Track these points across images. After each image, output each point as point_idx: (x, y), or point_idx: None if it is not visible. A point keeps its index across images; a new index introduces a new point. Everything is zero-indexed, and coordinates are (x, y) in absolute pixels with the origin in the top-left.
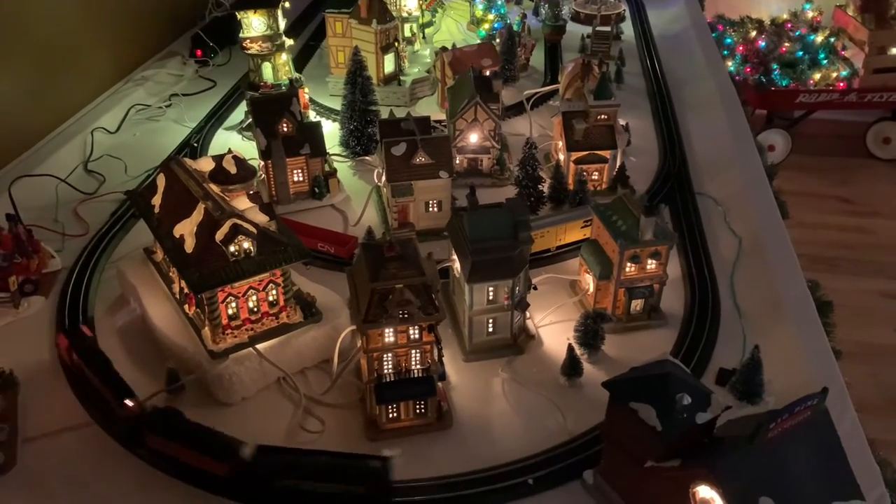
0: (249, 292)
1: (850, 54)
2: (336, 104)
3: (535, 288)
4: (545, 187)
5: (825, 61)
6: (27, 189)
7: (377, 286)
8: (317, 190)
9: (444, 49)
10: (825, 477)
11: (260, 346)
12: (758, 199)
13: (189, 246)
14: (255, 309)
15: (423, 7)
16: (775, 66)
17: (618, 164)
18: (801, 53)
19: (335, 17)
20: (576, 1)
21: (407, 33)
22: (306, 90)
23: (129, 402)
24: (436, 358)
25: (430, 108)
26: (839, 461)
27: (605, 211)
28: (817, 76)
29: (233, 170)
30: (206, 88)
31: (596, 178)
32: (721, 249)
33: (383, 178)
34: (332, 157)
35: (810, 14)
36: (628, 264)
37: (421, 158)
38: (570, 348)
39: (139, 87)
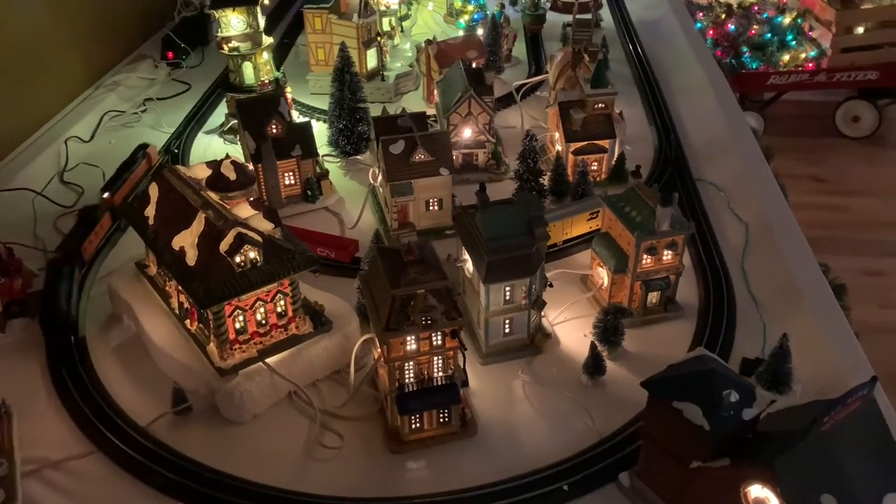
0: (257, 304)
1: (817, 35)
2: (318, 102)
3: (552, 285)
4: (545, 180)
5: (794, 43)
6: (2, 204)
7: (399, 292)
8: (309, 193)
9: (428, 42)
10: (878, 469)
11: (270, 360)
12: (759, 182)
13: (191, 258)
14: (264, 321)
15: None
16: (745, 49)
17: (616, 153)
18: (769, 36)
19: (314, 12)
20: None
21: (385, 27)
22: (289, 90)
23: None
24: (459, 364)
25: (416, 102)
26: (890, 451)
27: (618, 202)
28: (787, 58)
29: (232, 176)
30: (181, 91)
31: (595, 168)
32: (728, 236)
33: (379, 178)
34: (323, 159)
35: None
36: (645, 256)
37: (420, 156)
38: (593, 346)
39: (111, 93)
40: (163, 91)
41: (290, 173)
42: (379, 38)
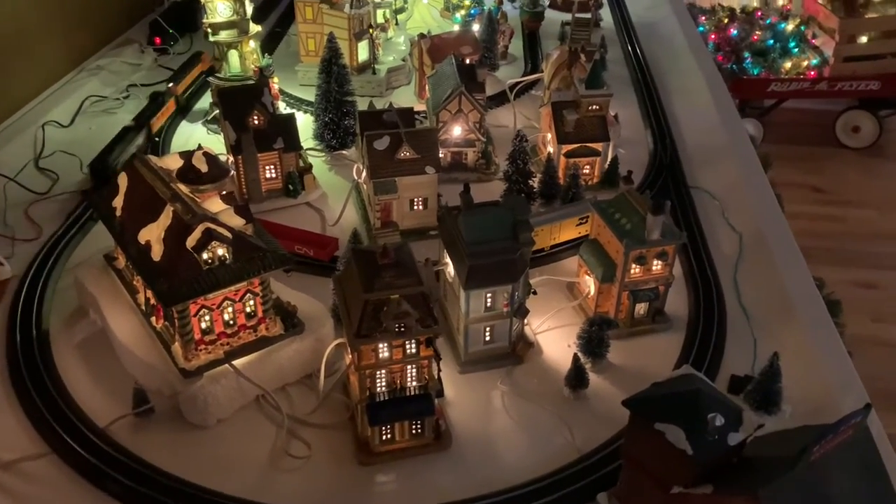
0: (225, 304)
1: (820, 42)
2: (306, 94)
3: (535, 292)
4: (535, 182)
5: (796, 50)
6: None
7: (371, 297)
8: (291, 187)
9: (421, 36)
10: (868, 499)
11: (237, 363)
12: (755, 191)
13: (157, 253)
14: (231, 322)
15: None
16: (747, 55)
17: (609, 156)
18: (771, 42)
19: (305, 1)
20: None
21: (380, 19)
22: (276, 80)
23: None
24: (434, 373)
25: (408, 97)
26: (882, 481)
27: (608, 208)
28: (788, 65)
29: (203, 168)
30: (167, 79)
31: (587, 171)
32: (721, 246)
33: (364, 174)
34: (307, 152)
35: (780, 2)
36: (633, 266)
37: (406, 153)
38: (576, 358)
39: (93, 78)
40: (148, 77)
41: (272, 166)
42: (371, 31)
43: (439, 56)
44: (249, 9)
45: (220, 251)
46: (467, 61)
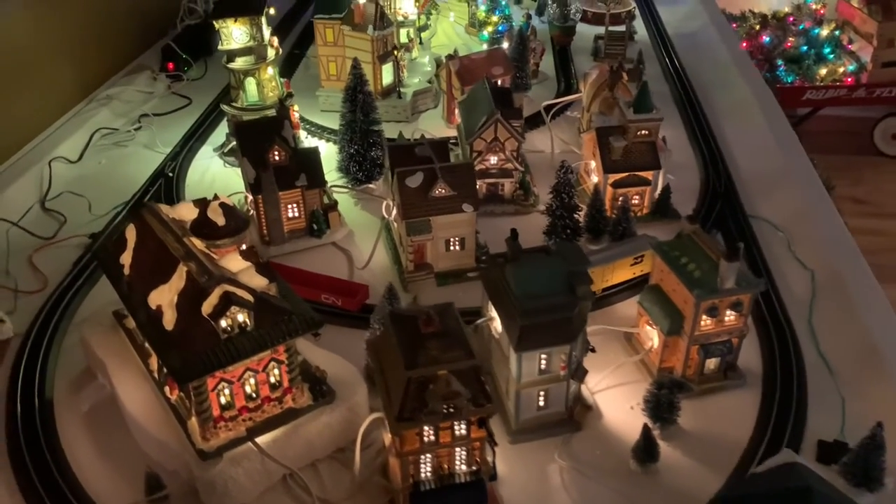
0: (246, 375)
1: (856, 48)
2: (328, 121)
3: (594, 350)
4: (580, 215)
5: (832, 56)
6: None
7: (415, 374)
8: (315, 227)
9: (450, 57)
10: None
11: (261, 440)
12: (823, 221)
13: (169, 321)
14: (254, 395)
15: (419, 9)
16: (780, 62)
17: (659, 185)
18: (805, 48)
19: (325, 23)
20: None
21: (403, 38)
22: (295, 107)
23: None
24: (487, 456)
25: (435, 123)
26: None
27: (670, 251)
28: (823, 71)
29: (220, 220)
30: (181, 107)
31: (636, 202)
32: (792, 286)
33: (393, 212)
34: (332, 188)
35: (813, 6)
36: (704, 317)
37: (441, 190)
38: (646, 430)
39: (103, 108)
40: (161, 106)
41: (294, 205)
42: (396, 52)
43: (469, 78)
44: (267, 33)
45: (241, 317)
46: (499, 83)
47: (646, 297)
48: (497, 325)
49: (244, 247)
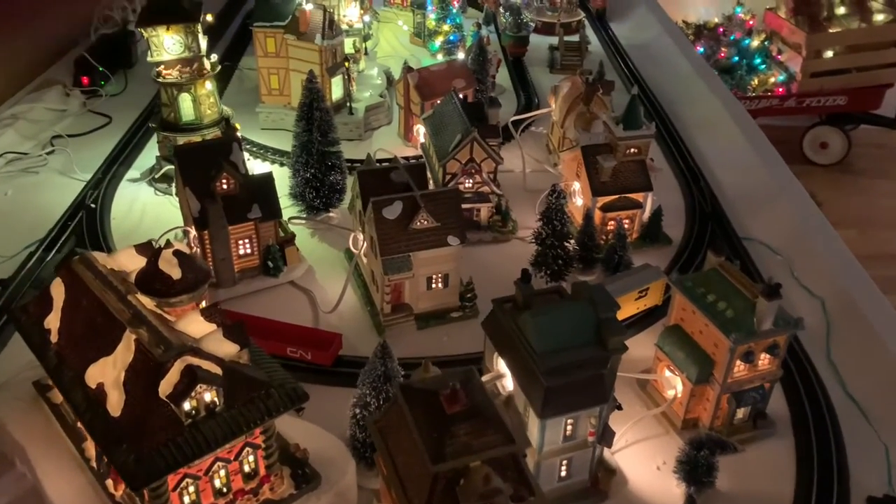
0: (216, 467)
1: (785, 58)
2: (271, 139)
3: (621, 407)
4: (570, 244)
5: (762, 66)
6: None
7: (444, 469)
8: (271, 264)
9: (408, 69)
10: None
11: None
12: (823, 242)
13: (115, 404)
14: (225, 489)
15: (362, 15)
16: (715, 72)
17: (648, 208)
18: (736, 59)
19: (266, 31)
20: (529, 8)
21: (349, 49)
22: (237, 126)
23: None
24: None
25: (391, 140)
26: None
27: (694, 287)
28: (755, 82)
29: (175, 272)
30: (100, 126)
31: (626, 226)
32: (802, 317)
33: (363, 246)
34: (290, 220)
35: (742, 17)
36: (739, 363)
37: (423, 221)
38: (690, 501)
39: (8, 129)
40: (76, 126)
41: (246, 240)
42: (346, 64)
43: (429, 92)
44: (204, 43)
45: (208, 396)
46: (461, 96)
47: (666, 339)
48: (507, 381)
49: (204, 304)
